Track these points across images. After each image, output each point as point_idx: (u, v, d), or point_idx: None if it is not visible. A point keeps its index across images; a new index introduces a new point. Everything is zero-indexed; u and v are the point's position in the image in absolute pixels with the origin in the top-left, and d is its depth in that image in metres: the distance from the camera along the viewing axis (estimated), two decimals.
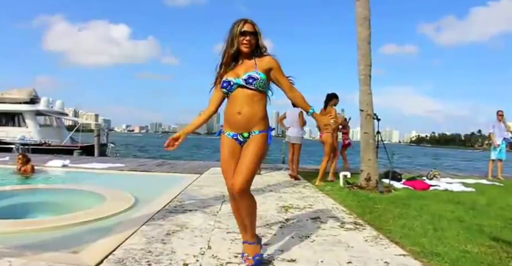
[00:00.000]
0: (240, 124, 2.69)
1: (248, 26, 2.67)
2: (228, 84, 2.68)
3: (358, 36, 7.03)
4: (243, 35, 2.65)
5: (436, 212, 4.92)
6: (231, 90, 2.68)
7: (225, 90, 2.70)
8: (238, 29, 2.65)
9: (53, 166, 9.14)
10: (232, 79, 2.67)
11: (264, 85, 2.68)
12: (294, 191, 6.29)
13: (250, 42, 2.68)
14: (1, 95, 22.65)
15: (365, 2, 6.97)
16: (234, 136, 2.74)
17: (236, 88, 2.67)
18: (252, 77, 2.63)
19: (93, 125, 22.47)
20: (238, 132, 2.72)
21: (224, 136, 2.78)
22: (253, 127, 2.70)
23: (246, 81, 2.64)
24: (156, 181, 7.82)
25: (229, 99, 2.72)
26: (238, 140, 2.74)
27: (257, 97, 2.67)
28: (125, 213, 4.26)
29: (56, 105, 24.45)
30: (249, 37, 2.67)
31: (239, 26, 2.66)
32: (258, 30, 2.73)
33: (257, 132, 2.71)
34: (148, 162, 11.01)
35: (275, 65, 2.74)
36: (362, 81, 6.93)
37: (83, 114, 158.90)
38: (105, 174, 8.51)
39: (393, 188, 6.87)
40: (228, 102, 2.76)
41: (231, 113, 2.70)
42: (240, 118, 2.66)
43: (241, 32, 2.65)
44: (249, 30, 2.67)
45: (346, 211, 4.77)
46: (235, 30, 2.65)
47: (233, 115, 2.68)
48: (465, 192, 7.13)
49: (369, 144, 6.86)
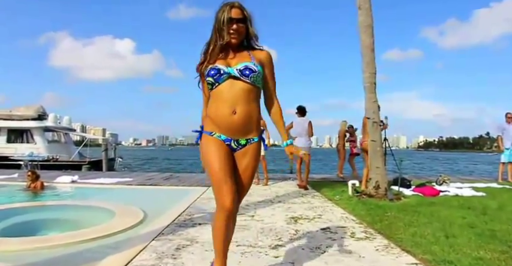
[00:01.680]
0: (236, 128, 2.25)
1: (236, 12, 2.24)
2: (216, 72, 2.22)
3: (361, 44, 7.04)
4: (230, 22, 2.23)
5: (446, 218, 4.88)
6: (219, 80, 2.22)
7: (211, 80, 2.23)
8: (224, 15, 2.23)
9: (62, 182, 9.18)
10: (222, 67, 2.23)
11: (261, 81, 2.31)
12: (302, 201, 6.27)
13: (238, 31, 2.26)
14: (10, 112, 22.88)
15: (367, 10, 6.99)
16: (226, 141, 2.28)
17: (226, 79, 2.23)
18: (249, 68, 2.23)
19: (100, 140, 22.61)
20: (232, 137, 2.27)
21: (212, 138, 2.28)
22: (250, 133, 2.31)
23: (241, 72, 2.22)
24: (164, 195, 7.82)
25: (216, 93, 2.25)
26: (230, 147, 2.29)
27: (253, 95, 2.28)
28: (134, 228, 4.26)
29: (63, 121, 24.69)
30: (236, 25, 2.24)
31: (225, 12, 2.23)
32: (247, 15, 2.29)
33: (256, 139, 2.34)
34: (156, 176, 11.02)
35: (269, 60, 2.38)
36: (367, 89, 6.93)
37: (90, 129, 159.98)
38: (113, 189, 8.52)
39: (403, 195, 6.83)
40: (213, 97, 2.28)
41: (222, 112, 2.22)
42: (236, 120, 2.22)
43: (228, 19, 2.22)
44: (236, 17, 2.24)
45: (356, 221, 4.74)
46: (221, 18, 2.23)
47: (225, 115, 2.22)
48: (475, 196, 7.07)
49: (377, 152, 6.83)
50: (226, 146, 2.28)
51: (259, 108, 2.34)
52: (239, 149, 2.31)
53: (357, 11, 7.09)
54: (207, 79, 2.26)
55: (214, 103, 2.26)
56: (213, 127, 2.29)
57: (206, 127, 2.33)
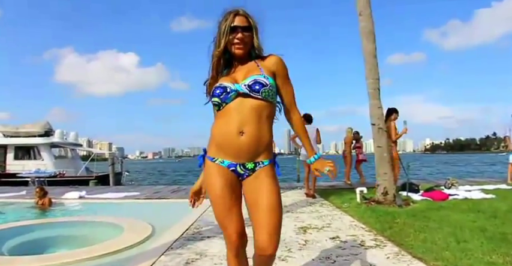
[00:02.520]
0: (243, 150, 1.93)
1: (240, 20, 1.98)
2: (222, 91, 1.94)
3: (363, 50, 7.05)
4: (234, 31, 1.96)
5: (457, 223, 4.83)
6: (226, 99, 1.94)
7: (217, 100, 1.95)
8: (226, 24, 1.96)
9: (70, 198, 9.19)
10: (228, 84, 1.95)
11: (274, 95, 1.99)
12: (311, 210, 6.24)
13: (243, 41, 1.98)
14: (16, 129, 23.07)
15: (368, 16, 7.01)
16: (230, 167, 1.97)
17: (234, 97, 1.94)
18: (259, 82, 1.92)
19: (107, 154, 22.69)
20: (238, 161, 1.95)
21: (214, 164, 1.99)
22: (260, 156, 1.97)
23: (250, 88, 1.92)
24: (172, 208, 7.80)
25: (222, 113, 1.97)
26: (236, 172, 1.97)
27: (266, 112, 1.95)
28: (143, 244, 4.26)
29: (70, 137, 24.83)
30: (241, 34, 1.96)
31: (227, 20, 1.97)
32: (253, 23, 2.01)
33: (266, 162, 1.99)
34: (163, 189, 11.02)
35: (281, 66, 2.04)
36: (371, 95, 6.92)
37: (96, 143, 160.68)
38: (121, 204, 8.53)
39: (411, 200, 6.78)
40: (219, 117, 2.00)
41: (228, 133, 1.92)
42: (243, 141, 1.91)
43: (231, 27, 1.96)
44: (241, 25, 1.97)
45: (365, 228, 4.71)
46: (223, 27, 1.97)
47: (231, 136, 1.91)
48: (485, 199, 7.01)
49: (383, 158, 6.80)
50: (230, 173, 1.97)
51: (271, 128, 2.02)
52: (247, 175, 1.97)
53: (358, 16, 7.11)
54: (212, 101, 1.98)
55: (219, 121, 1.99)
56: (216, 150, 1.99)
57: (209, 150, 2.04)
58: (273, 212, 1.89)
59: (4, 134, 22.98)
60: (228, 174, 1.96)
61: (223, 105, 1.95)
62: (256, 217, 1.91)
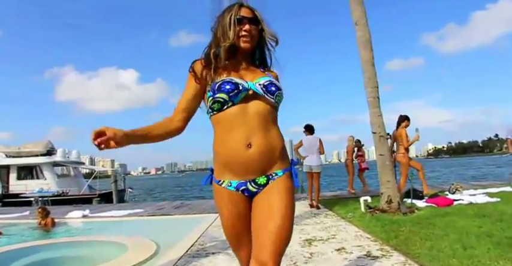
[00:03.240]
0: (252, 165, 1.68)
1: (246, 11, 1.79)
2: (234, 87, 1.68)
3: (361, 59, 7.07)
4: (240, 23, 1.75)
5: (462, 229, 4.80)
6: (234, 99, 1.68)
7: (224, 97, 1.67)
8: (232, 14, 1.76)
9: (73, 218, 9.17)
10: (241, 81, 1.71)
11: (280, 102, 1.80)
12: (315, 222, 6.20)
13: (251, 34, 1.77)
14: (18, 149, 23.13)
15: (364, 26, 7.05)
16: (239, 187, 1.71)
17: (242, 98, 1.69)
18: (275, 84, 1.75)
19: (109, 171, 22.68)
20: (247, 178, 1.70)
21: (221, 188, 1.74)
22: (272, 167, 1.72)
23: (265, 89, 1.72)
24: (176, 224, 7.77)
25: (222, 119, 1.71)
26: (247, 191, 1.72)
27: (271, 116, 1.75)
28: (147, 262, 4.23)
29: (72, 155, 24.86)
30: (248, 25, 1.76)
31: (233, 11, 1.77)
32: (259, 16, 1.82)
33: (280, 172, 1.73)
34: (166, 205, 10.98)
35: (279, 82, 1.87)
36: (371, 104, 6.93)
37: (99, 161, 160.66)
38: (125, 221, 8.50)
39: (416, 207, 6.73)
40: (219, 126, 1.73)
41: (233, 148, 1.68)
42: (252, 155, 1.66)
43: (238, 18, 1.75)
44: (248, 16, 1.78)
45: (370, 238, 4.67)
46: (229, 17, 1.75)
47: (237, 152, 1.67)
48: (490, 202, 6.95)
49: (386, 166, 6.78)
50: (240, 197, 1.73)
51: (280, 132, 1.79)
52: (259, 190, 1.72)
53: (354, 26, 7.15)
54: (216, 97, 1.68)
55: (221, 133, 1.72)
56: (222, 170, 1.74)
57: (215, 170, 1.79)
58: (281, 236, 1.63)
59: (6, 154, 23.04)
60: (238, 201, 1.72)
61: (228, 105, 1.68)
62: (260, 238, 1.64)
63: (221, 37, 1.77)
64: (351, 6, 7.18)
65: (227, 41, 1.73)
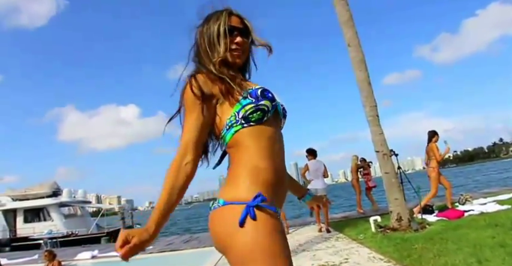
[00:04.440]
0: (285, 188, 1.44)
1: (236, 20, 1.51)
2: (273, 96, 1.42)
3: (357, 79, 7.14)
4: (231, 34, 1.47)
5: (476, 241, 4.73)
6: (273, 110, 1.41)
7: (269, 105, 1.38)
8: (220, 23, 1.47)
9: (83, 259, 9.08)
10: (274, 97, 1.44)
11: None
12: (327, 246, 6.12)
13: (243, 48, 1.51)
14: (24, 192, 23.09)
15: (356, 46, 7.16)
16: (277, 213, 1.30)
17: (270, 116, 1.40)
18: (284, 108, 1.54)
19: (116, 208, 22.57)
20: (278, 205, 1.35)
21: (268, 213, 1.24)
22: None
23: (284, 111, 1.52)
24: (186, 259, 7.69)
25: (263, 133, 1.37)
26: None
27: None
28: None
29: (78, 194, 24.79)
30: (240, 38, 1.49)
31: (221, 19, 1.48)
32: (250, 26, 1.53)
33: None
34: (175, 240, 10.88)
35: None
36: (371, 123, 6.95)
37: (105, 198, 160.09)
38: (134, 260, 8.24)
39: (427, 223, 6.66)
40: (256, 140, 1.35)
41: (278, 166, 1.37)
42: (284, 176, 1.41)
43: (228, 28, 1.47)
44: (239, 26, 1.50)
45: (384, 259, 4.61)
46: (217, 26, 1.47)
47: (281, 171, 1.39)
48: (501, 211, 6.89)
49: (392, 183, 6.74)
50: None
51: None
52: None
53: (347, 47, 7.25)
54: (260, 104, 1.36)
55: (261, 147, 1.35)
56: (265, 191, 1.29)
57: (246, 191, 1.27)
58: None
59: (13, 198, 23.01)
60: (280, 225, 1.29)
61: (267, 116, 1.38)
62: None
63: (207, 50, 1.48)
64: (343, 29, 7.31)
65: (216, 55, 1.45)
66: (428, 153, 8.10)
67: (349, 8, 7.28)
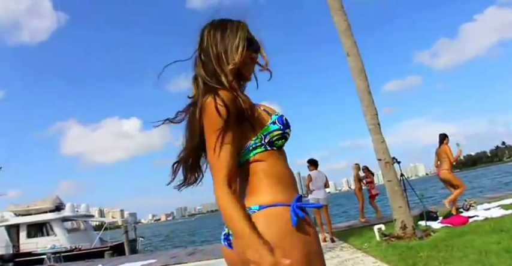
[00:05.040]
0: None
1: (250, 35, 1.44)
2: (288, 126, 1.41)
3: (357, 88, 7.17)
4: (250, 47, 1.41)
5: (481, 247, 4.71)
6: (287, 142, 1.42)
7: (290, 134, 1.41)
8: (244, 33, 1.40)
9: None
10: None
11: None
12: (331, 256, 6.08)
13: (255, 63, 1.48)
14: (27, 207, 23.07)
15: (356, 56, 7.20)
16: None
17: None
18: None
19: (119, 221, 22.50)
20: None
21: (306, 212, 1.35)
22: None
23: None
24: None
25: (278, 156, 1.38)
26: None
27: None
28: None
29: (81, 208, 24.74)
30: (256, 54, 1.46)
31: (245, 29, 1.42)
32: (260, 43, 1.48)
33: None
34: (179, 252, 10.82)
35: None
36: (372, 131, 6.96)
37: (108, 212, 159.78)
38: None
39: (431, 230, 6.63)
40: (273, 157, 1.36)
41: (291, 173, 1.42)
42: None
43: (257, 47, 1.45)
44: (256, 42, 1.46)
45: None
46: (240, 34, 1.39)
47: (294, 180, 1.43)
48: (506, 215, 6.86)
49: (396, 191, 6.73)
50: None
51: None
52: None
53: (347, 57, 7.28)
54: (286, 132, 1.38)
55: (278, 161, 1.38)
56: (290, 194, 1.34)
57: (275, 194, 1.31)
58: None
59: (15, 213, 22.98)
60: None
61: (286, 143, 1.41)
62: None
63: (221, 56, 1.37)
64: (342, 38, 7.35)
65: (231, 62, 1.35)
66: (440, 154, 8.07)
67: (346, 18, 7.34)
